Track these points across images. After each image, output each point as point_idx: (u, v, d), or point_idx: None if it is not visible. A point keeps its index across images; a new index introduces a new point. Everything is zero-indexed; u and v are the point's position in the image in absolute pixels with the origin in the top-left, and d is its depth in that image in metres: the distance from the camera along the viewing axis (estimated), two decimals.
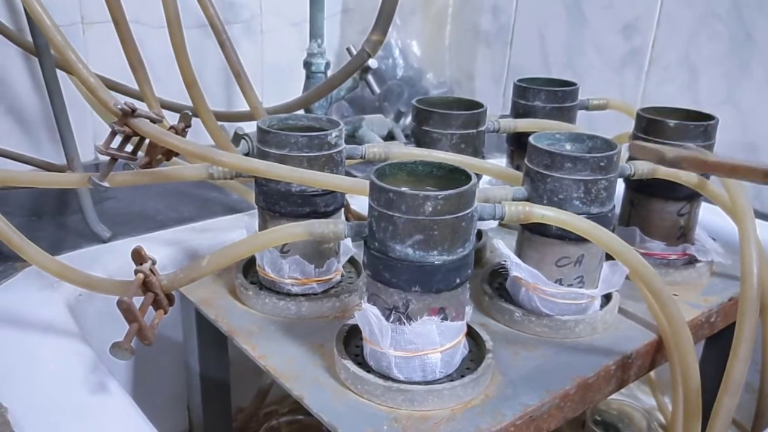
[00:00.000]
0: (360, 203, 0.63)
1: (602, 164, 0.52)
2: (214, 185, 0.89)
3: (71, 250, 0.71)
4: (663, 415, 0.90)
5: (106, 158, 0.53)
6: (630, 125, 0.66)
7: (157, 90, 0.69)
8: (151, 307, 0.50)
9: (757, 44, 0.89)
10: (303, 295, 0.58)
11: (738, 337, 0.52)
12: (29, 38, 0.79)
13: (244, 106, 0.78)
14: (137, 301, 0.48)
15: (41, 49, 0.66)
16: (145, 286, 0.49)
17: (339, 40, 1.17)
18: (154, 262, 0.50)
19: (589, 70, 1.09)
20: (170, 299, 0.51)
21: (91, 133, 0.95)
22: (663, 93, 1.01)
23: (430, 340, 0.46)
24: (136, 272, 0.49)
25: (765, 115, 0.90)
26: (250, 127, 0.86)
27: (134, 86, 0.72)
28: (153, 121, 0.54)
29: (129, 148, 0.55)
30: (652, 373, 0.87)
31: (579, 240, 0.52)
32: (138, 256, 0.49)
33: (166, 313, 0.51)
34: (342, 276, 0.62)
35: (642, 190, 0.64)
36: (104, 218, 0.76)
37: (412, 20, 1.17)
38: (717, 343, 0.67)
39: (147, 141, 0.55)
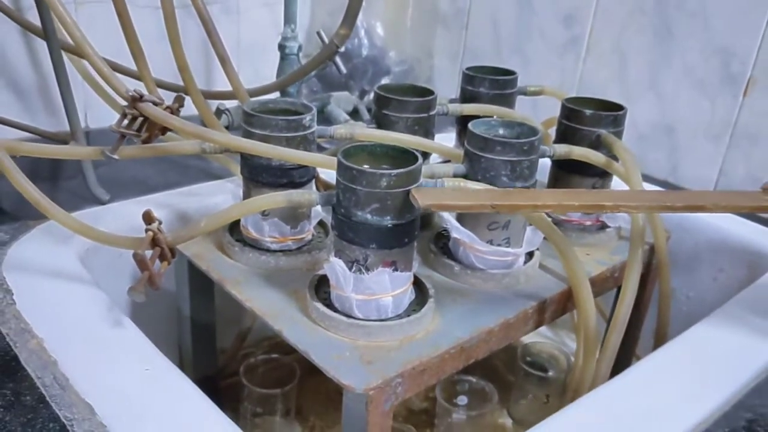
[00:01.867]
0: (327, 174, 0.75)
1: (525, 148, 0.64)
2: None
3: (73, 210, 0.81)
4: None
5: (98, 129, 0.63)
6: None
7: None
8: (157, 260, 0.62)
9: (676, 38, 1.02)
10: (280, 251, 0.70)
11: (624, 287, 0.66)
12: (29, 18, 0.88)
13: (221, 83, 0.88)
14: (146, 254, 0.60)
15: (49, 33, 0.75)
16: (154, 242, 0.60)
17: (309, 20, 1.27)
18: (160, 222, 0.61)
19: (535, 55, 1.21)
20: (173, 253, 0.62)
21: (82, 104, 1.04)
22: (597, 78, 1.13)
23: (384, 286, 0.58)
24: (147, 230, 0.60)
25: (681, 100, 1.04)
26: (228, 104, 0.97)
27: (126, 64, 0.82)
28: (156, 104, 0.64)
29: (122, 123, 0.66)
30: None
31: None
32: (148, 218, 0.60)
33: (169, 264, 0.62)
34: (313, 235, 0.73)
35: (563, 167, 0.77)
36: (101, 182, 0.86)
37: (376, 3, 1.27)
38: None
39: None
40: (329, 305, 0.61)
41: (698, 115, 1.02)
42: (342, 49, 0.92)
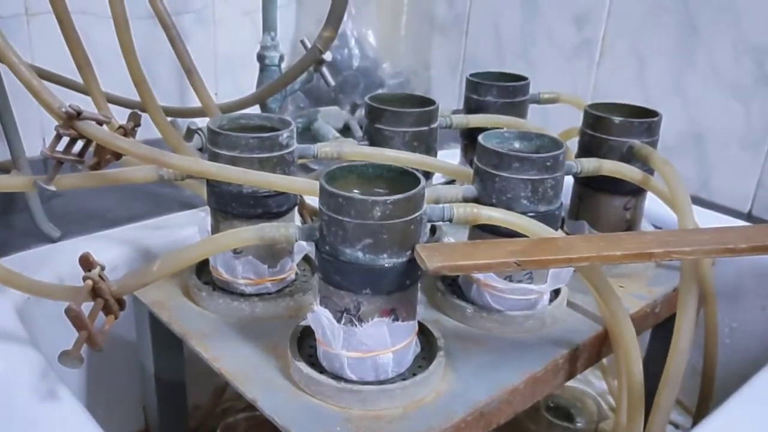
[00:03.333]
0: (315, 199, 0.63)
1: (548, 164, 0.53)
2: None
3: (19, 250, 0.70)
4: (614, 398, 0.93)
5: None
6: (581, 118, 0.67)
7: (108, 81, 0.67)
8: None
9: (702, 36, 0.92)
10: (257, 295, 0.58)
11: (678, 328, 0.54)
12: None
13: (197, 99, 0.77)
14: (87, 306, 0.48)
15: None
16: (95, 292, 0.49)
17: (294, 29, 1.16)
18: (102, 268, 0.50)
19: (543, 60, 1.11)
20: (121, 304, 0.51)
21: (38, 126, 0.93)
22: (614, 82, 1.03)
23: (382, 340, 0.47)
24: (85, 279, 0.48)
25: (709, 105, 0.93)
26: (203, 122, 0.86)
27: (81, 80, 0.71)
28: (100, 122, 0.53)
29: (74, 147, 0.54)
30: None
31: None
32: (86, 263, 0.48)
33: (116, 318, 0.51)
34: (296, 274, 0.62)
35: (589, 185, 0.66)
36: (53, 217, 0.75)
37: (367, 9, 1.17)
38: (663, 331, 0.69)
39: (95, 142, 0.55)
40: (315, 364, 0.50)
41: (731, 122, 0.91)
42: (328, 57, 0.81)
